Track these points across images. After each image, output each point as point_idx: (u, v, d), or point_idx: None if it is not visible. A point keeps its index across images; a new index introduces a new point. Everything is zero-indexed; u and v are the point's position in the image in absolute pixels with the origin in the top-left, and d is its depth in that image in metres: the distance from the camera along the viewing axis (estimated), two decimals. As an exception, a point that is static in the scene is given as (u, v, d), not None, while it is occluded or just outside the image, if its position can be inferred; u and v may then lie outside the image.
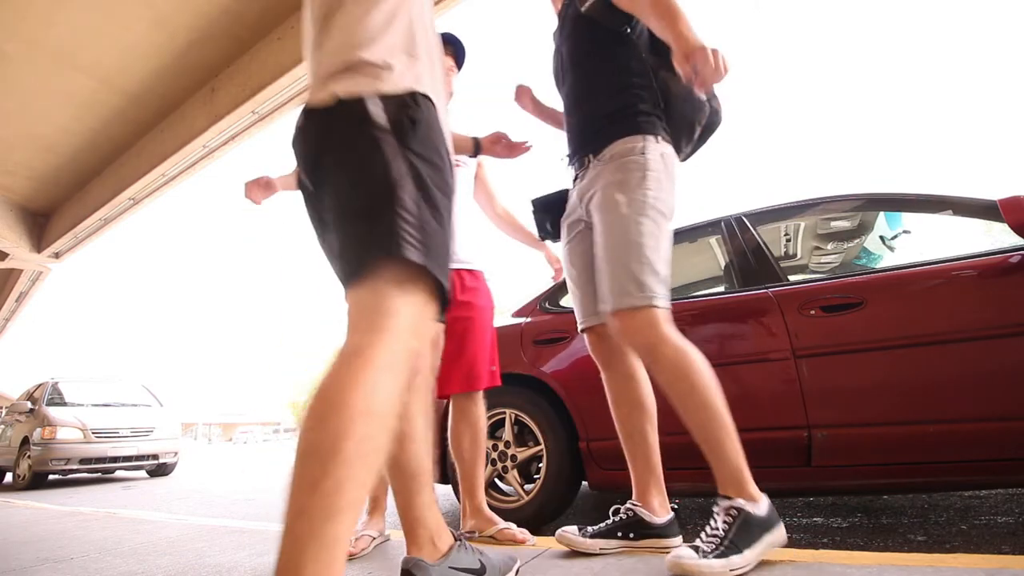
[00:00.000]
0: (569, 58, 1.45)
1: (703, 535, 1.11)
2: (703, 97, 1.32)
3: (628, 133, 1.28)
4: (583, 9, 1.36)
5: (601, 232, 1.28)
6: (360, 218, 0.77)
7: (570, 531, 1.36)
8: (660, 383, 1.21)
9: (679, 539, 1.32)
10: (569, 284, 1.49)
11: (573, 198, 1.44)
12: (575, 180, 1.43)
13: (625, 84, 1.32)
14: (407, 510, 1.10)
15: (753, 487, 1.14)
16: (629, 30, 1.33)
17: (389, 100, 0.81)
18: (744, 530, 1.08)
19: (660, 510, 1.33)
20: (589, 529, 1.34)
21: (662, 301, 1.20)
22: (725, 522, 1.10)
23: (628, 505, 1.36)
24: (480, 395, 1.74)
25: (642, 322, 1.19)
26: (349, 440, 0.63)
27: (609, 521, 1.35)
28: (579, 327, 1.47)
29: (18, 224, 9.09)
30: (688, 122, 1.33)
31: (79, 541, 2.18)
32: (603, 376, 1.44)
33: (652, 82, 1.32)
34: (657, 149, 1.27)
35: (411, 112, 0.82)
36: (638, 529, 1.31)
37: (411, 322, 0.75)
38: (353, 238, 0.79)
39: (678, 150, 1.35)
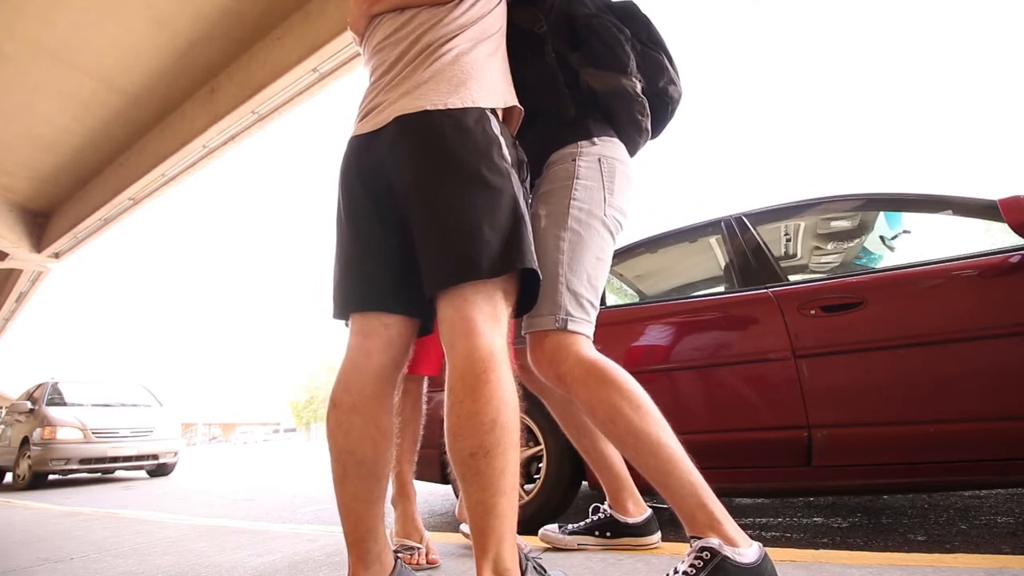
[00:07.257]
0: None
1: None
2: (635, 88, 1.14)
3: (560, 146, 1.14)
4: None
5: None
6: (495, 238, 0.91)
7: (551, 529, 1.46)
8: (585, 414, 1.07)
9: (657, 536, 1.37)
10: None
11: None
12: None
13: (549, 91, 1.16)
14: (364, 519, 0.96)
15: (734, 529, 0.92)
16: (545, 28, 1.17)
17: (509, 141, 1.00)
18: None
19: (635, 510, 1.37)
20: (569, 527, 1.43)
21: (579, 325, 1.04)
22: (692, 566, 0.88)
23: (604, 507, 1.42)
24: None
25: (551, 348, 1.04)
26: (507, 428, 0.82)
27: (588, 520, 1.43)
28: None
29: (18, 224, 9.10)
30: (629, 117, 1.17)
31: (79, 541, 2.18)
32: (544, 401, 1.41)
33: (575, 83, 1.15)
34: (593, 152, 1.12)
35: (521, 154, 1.02)
36: (613, 529, 1.38)
37: (506, 321, 0.94)
38: (478, 252, 0.90)
39: (633, 143, 1.21)
